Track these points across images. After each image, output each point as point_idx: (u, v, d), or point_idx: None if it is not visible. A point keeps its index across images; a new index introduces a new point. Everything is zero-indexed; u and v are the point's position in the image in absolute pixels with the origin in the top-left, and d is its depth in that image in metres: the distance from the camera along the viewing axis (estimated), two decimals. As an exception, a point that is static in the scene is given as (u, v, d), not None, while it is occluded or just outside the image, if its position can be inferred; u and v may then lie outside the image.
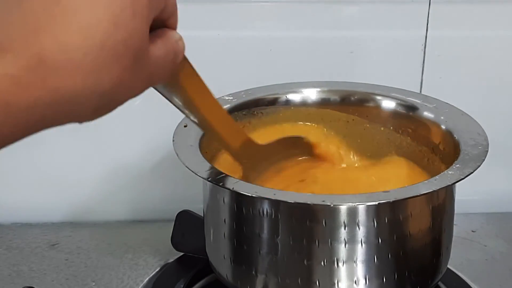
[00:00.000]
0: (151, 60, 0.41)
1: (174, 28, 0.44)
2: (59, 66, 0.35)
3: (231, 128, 0.60)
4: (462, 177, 0.58)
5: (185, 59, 0.48)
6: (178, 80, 0.50)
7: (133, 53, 0.38)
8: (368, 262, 0.60)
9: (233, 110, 0.71)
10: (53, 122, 0.37)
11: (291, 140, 0.69)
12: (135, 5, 0.38)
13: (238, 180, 0.59)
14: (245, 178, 0.63)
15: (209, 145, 0.68)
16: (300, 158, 0.69)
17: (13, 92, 0.34)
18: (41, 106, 0.35)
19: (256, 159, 0.64)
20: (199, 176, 0.59)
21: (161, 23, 0.43)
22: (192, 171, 0.59)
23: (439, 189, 0.58)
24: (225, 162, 0.70)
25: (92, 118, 0.40)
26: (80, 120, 0.39)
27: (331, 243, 0.59)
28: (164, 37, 0.42)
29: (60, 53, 0.35)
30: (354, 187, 0.67)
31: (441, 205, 0.63)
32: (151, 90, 0.81)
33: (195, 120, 0.56)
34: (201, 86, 0.53)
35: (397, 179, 0.68)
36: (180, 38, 0.44)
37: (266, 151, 0.65)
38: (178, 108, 0.53)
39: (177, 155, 0.62)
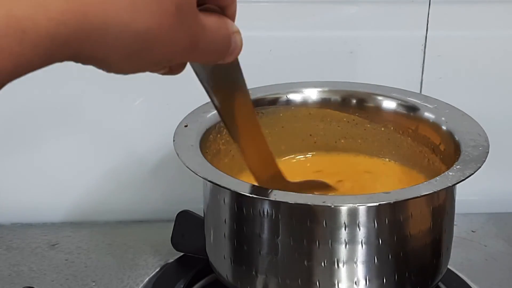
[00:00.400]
0: (198, 24, 0.38)
1: (232, 18, 0.43)
2: None
3: (265, 156, 0.60)
4: (463, 178, 0.58)
5: (239, 67, 0.49)
6: (227, 82, 0.50)
7: (176, 1, 0.36)
8: (368, 262, 0.60)
9: (233, 110, 0.71)
10: (80, 54, 0.34)
11: (316, 183, 0.69)
12: None
13: (238, 180, 0.59)
14: None
15: (209, 145, 0.68)
16: None
17: (30, 17, 0.31)
18: (65, 32, 0.32)
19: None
20: (200, 176, 0.59)
21: (219, 10, 0.41)
22: (193, 171, 0.59)
23: (439, 190, 0.58)
24: (226, 162, 0.70)
25: (122, 67, 0.37)
26: (109, 65, 0.36)
27: (331, 244, 0.59)
28: (220, 18, 0.41)
29: None
30: None
31: (441, 206, 0.63)
32: (151, 90, 0.81)
33: (232, 136, 0.56)
34: (249, 105, 0.53)
35: None
36: (238, 32, 0.42)
37: (291, 188, 0.64)
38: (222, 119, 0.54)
39: (178, 155, 0.62)
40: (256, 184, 0.61)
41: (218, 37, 0.41)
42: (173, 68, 0.43)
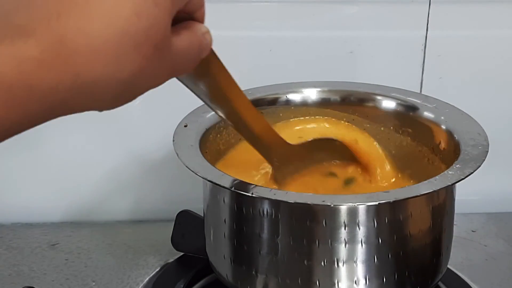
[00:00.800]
0: (174, 51, 0.41)
1: (201, 21, 0.44)
2: (80, 51, 0.36)
3: (260, 124, 0.61)
4: (462, 177, 0.58)
5: (213, 53, 0.48)
6: (207, 73, 0.50)
7: (154, 43, 0.38)
8: (368, 262, 0.60)
9: (233, 110, 0.71)
10: (75, 107, 0.38)
11: (323, 142, 0.69)
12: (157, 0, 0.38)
13: (238, 180, 0.59)
14: (274, 179, 0.64)
15: (209, 145, 0.68)
16: (335, 162, 0.69)
17: (36, 74, 0.35)
18: (62, 90, 0.36)
19: (286, 160, 0.64)
20: (199, 176, 0.59)
21: (188, 16, 0.43)
22: (192, 171, 0.59)
23: (439, 189, 0.58)
24: (225, 162, 0.70)
25: (113, 106, 0.40)
26: (101, 108, 0.40)
27: (331, 243, 0.59)
28: (189, 29, 0.43)
29: (81, 38, 0.36)
30: None
31: (441, 205, 0.63)
32: (151, 90, 0.81)
33: (223, 114, 0.56)
34: (230, 81, 0.53)
35: None
36: (207, 32, 0.44)
37: (297, 152, 0.65)
38: (204, 101, 0.54)
39: (177, 155, 0.62)
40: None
41: (191, 51, 0.43)
42: None
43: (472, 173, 0.58)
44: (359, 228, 0.58)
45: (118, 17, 0.36)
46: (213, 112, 0.69)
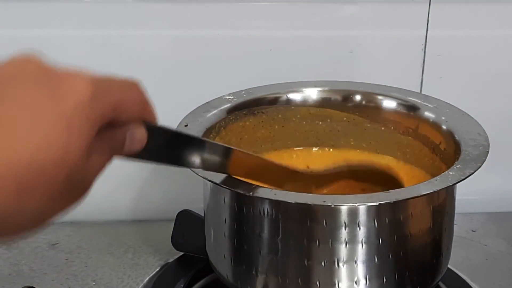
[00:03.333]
0: (88, 173, 0.40)
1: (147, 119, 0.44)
2: None
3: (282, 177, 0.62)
4: (463, 177, 0.58)
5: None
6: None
7: (65, 173, 0.36)
8: (368, 262, 0.60)
9: (233, 109, 0.71)
10: None
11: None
12: (71, 125, 0.36)
13: (238, 180, 0.59)
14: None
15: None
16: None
17: None
18: None
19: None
20: (200, 175, 0.59)
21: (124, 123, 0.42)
22: (193, 171, 0.59)
23: (439, 189, 0.58)
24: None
25: (22, 235, 0.37)
26: (9, 236, 0.37)
27: (331, 243, 0.59)
28: (103, 151, 0.42)
29: None
30: None
31: (441, 205, 0.63)
32: (151, 90, 0.81)
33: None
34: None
35: None
36: (132, 135, 0.44)
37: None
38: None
39: (178, 155, 0.61)
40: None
41: (103, 160, 0.43)
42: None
43: (472, 173, 0.58)
44: (360, 228, 0.58)
45: (25, 148, 0.34)
46: (214, 112, 0.69)
